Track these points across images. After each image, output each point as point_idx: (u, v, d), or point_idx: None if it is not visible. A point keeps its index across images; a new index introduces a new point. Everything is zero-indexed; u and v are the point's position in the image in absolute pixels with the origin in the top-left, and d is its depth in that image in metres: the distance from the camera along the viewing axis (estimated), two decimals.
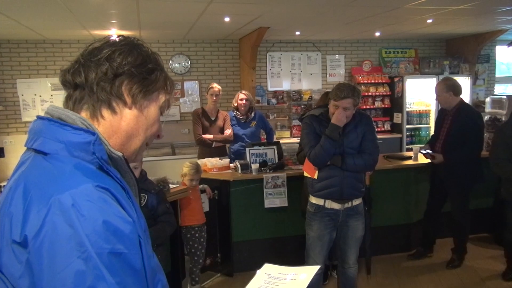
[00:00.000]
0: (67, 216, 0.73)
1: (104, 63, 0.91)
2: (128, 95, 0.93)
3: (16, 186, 0.82)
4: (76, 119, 0.89)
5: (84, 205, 0.75)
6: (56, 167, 0.81)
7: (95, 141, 0.86)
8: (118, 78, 0.92)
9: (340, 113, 2.90)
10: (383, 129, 7.57)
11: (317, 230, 3.09)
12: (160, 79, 0.98)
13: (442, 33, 7.35)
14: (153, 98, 0.98)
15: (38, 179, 0.81)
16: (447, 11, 5.10)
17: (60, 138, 0.85)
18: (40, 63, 6.46)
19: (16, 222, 0.76)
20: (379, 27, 6.42)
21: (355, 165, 2.98)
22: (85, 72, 0.91)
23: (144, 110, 0.97)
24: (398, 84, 7.43)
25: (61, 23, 5.16)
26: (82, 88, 0.92)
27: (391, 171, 4.43)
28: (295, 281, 1.12)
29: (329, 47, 7.68)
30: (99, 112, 0.92)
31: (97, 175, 0.83)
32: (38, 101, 6.47)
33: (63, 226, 0.73)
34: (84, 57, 0.93)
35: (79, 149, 0.84)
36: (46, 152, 0.84)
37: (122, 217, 0.78)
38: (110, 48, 0.93)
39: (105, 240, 0.74)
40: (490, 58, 8.23)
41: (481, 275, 4.02)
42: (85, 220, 0.73)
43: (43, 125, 0.88)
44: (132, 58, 0.93)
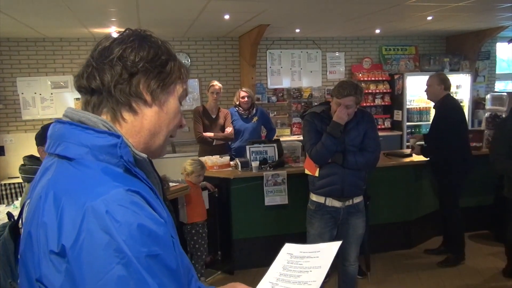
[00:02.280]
0: (102, 223, 0.73)
1: (118, 63, 0.89)
2: (147, 93, 0.91)
3: (46, 194, 0.80)
4: (98, 121, 0.87)
5: (117, 210, 0.74)
6: (84, 173, 0.80)
7: (121, 144, 0.84)
8: (135, 77, 0.89)
9: (341, 111, 2.89)
10: (383, 127, 7.56)
11: (318, 227, 3.09)
12: (175, 69, 0.96)
13: (443, 30, 7.34)
14: (171, 91, 0.96)
15: (67, 186, 0.80)
16: (448, 8, 5.09)
17: (84, 142, 0.83)
18: (40, 61, 6.45)
19: (51, 232, 0.75)
20: (379, 24, 6.41)
21: (356, 163, 2.97)
22: (99, 76, 0.89)
23: (164, 105, 0.95)
24: (398, 82, 7.42)
25: (60, 21, 5.15)
26: (99, 93, 0.90)
27: (391, 168, 4.43)
28: (319, 259, 1.11)
29: (329, 45, 7.66)
30: (120, 114, 0.91)
31: (126, 178, 0.82)
32: (38, 100, 6.47)
33: (99, 233, 0.72)
34: (95, 60, 0.91)
35: (104, 153, 0.83)
36: (71, 158, 0.83)
37: (155, 219, 0.78)
38: (120, 46, 0.90)
39: (142, 244, 0.74)
40: (491, 55, 8.21)
41: (481, 272, 4.03)
42: (120, 226, 0.73)
43: (64, 129, 0.86)
44: (144, 53, 0.91)
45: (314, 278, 1.04)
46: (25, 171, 2.28)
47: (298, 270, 1.10)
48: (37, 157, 2.35)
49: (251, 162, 4.17)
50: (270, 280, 1.11)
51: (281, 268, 1.13)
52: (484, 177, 4.50)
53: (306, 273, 1.08)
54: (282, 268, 1.13)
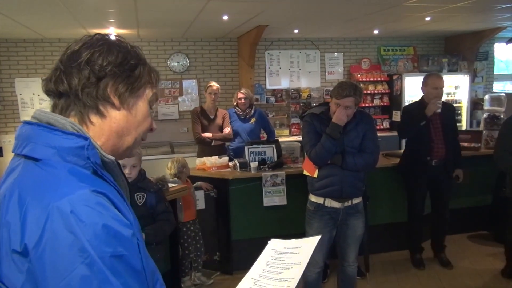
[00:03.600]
0: (67, 223, 0.73)
1: (85, 67, 0.89)
2: (114, 97, 0.91)
3: (11, 194, 0.81)
4: (66, 123, 0.87)
5: (82, 210, 0.74)
6: (50, 173, 0.81)
7: (88, 146, 0.85)
8: (102, 81, 0.90)
9: (341, 112, 2.89)
10: (381, 127, 7.56)
11: (317, 228, 3.08)
12: (144, 74, 0.96)
13: (441, 31, 7.35)
14: (140, 94, 0.96)
15: (32, 186, 0.80)
16: (446, 9, 5.10)
17: (51, 143, 0.83)
18: (38, 62, 6.45)
19: (14, 232, 0.75)
20: (377, 25, 6.42)
21: (355, 164, 2.97)
22: (67, 80, 0.89)
23: (132, 108, 0.95)
24: (397, 82, 7.43)
25: (59, 22, 5.15)
26: (67, 96, 0.90)
27: (390, 169, 4.43)
28: (299, 254, 1.12)
29: (328, 45, 7.67)
30: (88, 118, 0.91)
31: (92, 179, 0.83)
32: (36, 100, 6.46)
33: (63, 233, 0.72)
34: (63, 64, 0.91)
35: (71, 154, 0.83)
36: (38, 158, 0.83)
37: (120, 220, 0.79)
38: (88, 50, 0.90)
39: (106, 244, 0.74)
40: (489, 56, 8.23)
41: (480, 273, 4.03)
42: (85, 226, 0.73)
43: (32, 131, 0.86)
44: (112, 57, 0.91)
45: (293, 275, 1.05)
46: None
47: (280, 266, 1.11)
48: None
49: (250, 163, 4.17)
50: (253, 277, 1.11)
51: (265, 265, 1.14)
52: (483, 177, 4.50)
53: (287, 270, 1.08)
54: (265, 265, 1.14)
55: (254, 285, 1.08)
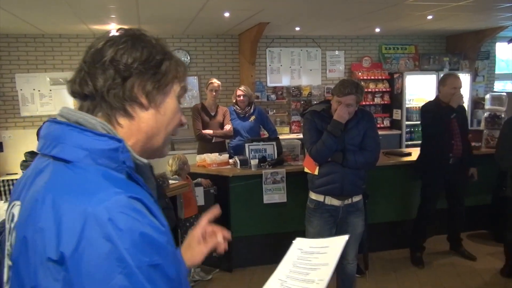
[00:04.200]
0: (105, 231, 0.70)
1: (110, 66, 0.85)
2: (142, 96, 0.87)
3: (43, 198, 0.76)
4: (96, 123, 0.83)
5: (120, 218, 0.72)
6: (83, 177, 0.77)
7: (122, 149, 0.81)
8: (128, 81, 0.85)
9: (342, 109, 2.89)
10: (382, 126, 7.56)
11: (317, 226, 3.09)
12: (171, 69, 0.91)
13: (442, 30, 7.34)
14: (168, 91, 0.92)
15: (66, 190, 0.76)
16: (448, 8, 5.09)
17: (82, 144, 0.79)
18: (39, 57, 6.44)
19: (49, 239, 0.72)
20: (379, 23, 6.41)
21: (356, 162, 2.97)
22: (92, 81, 0.85)
23: (161, 106, 0.91)
24: (398, 81, 7.42)
25: (60, 18, 5.14)
26: (92, 98, 0.86)
27: (390, 167, 4.43)
28: (326, 255, 1.08)
29: (329, 43, 7.66)
30: (115, 119, 0.87)
31: (127, 184, 0.79)
32: (37, 96, 6.45)
33: (101, 242, 0.70)
34: (87, 64, 0.87)
35: (104, 157, 0.79)
36: (68, 160, 0.79)
37: (156, 227, 0.76)
38: (112, 48, 0.86)
39: (143, 253, 0.72)
40: (490, 55, 8.22)
41: (480, 272, 4.03)
42: (123, 234, 0.71)
43: (60, 130, 0.82)
44: (137, 54, 0.86)
45: (321, 277, 1.02)
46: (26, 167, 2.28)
47: (307, 267, 1.08)
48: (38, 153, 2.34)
49: (250, 160, 4.17)
50: (279, 277, 1.08)
51: (291, 265, 1.11)
52: (483, 176, 4.49)
53: (314, 271, 1.05)
54: (292, 265, 1.11)
55: (281, 286, 1.05)
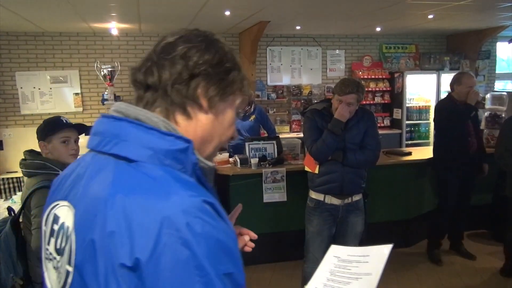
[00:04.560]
0: (183, 237, 0.66)
1: (180, 61, 0.82)
2: (204, 99, 0.84)
3: (111, 199, 0.71)
4: (158, 121, 0.79)
5: (197, 223, 0.67)
6: (152, 178, 0.72)
7: (192, 150, 0.77)
8: (194, 80, 0.83)
9: (343, 108, 2.89)
10: (382, 125, 7.56)
11: (317, 225, 3.09)
12: (237, 80, 0.89)
13: (443, 29, 7.33)
14: (229, 101, 0.89)
15: (136, 191, 0.71)
16: (448, 7, 5.08)
17: (147, 143, 0.75)
18: (39, 55, 6.43)
19: (122, 244, 0.67)
20: (379, 22, 6.40)
21: (356, 161, 2.97)
22: (158, 72, 0.83)
23: (219, 114, 0.88)
24: (398, 80, 7.42)
25: (60, 16, 5.14)
26: (154, 90, 0.84)
27: (390, 166, 4.43)
28: (368, 264, 1.04)
29: (330, 42, 7.65)
30: (173, 117, 0.84)
31: (198, 188, 0.75)
32: (37, 94, 6.45)
33: (179, 248, 0.66)
34: (157, 54, 0.85)
35: (170, 157, 0.75)
36: (132, 159, 0.75)
37: (230, 234, 0.73)
38: (185, 44, 0.84)
39: (220, 261, 0.68)
40: (491, 55, 8.21)
41: (479, 271, 4.03)
42: (200, 240, 0.67)
43: (121, 127, 0.78)
44: (209, 56, 0.84)
45: (366, 287, 0.98)
46: (26, 166, 2.27)
47: (346, 275, 1.04)
48: (37, 151, 2.33)
49: (250, 159, 4.16)
50: (316, 286, 1.05)
51: (328, 273, 1.07)
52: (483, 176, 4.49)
53: (356, 280, 1.01)
54: (329, 273, 1.07)
55: None
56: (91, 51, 6.57)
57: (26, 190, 2.22)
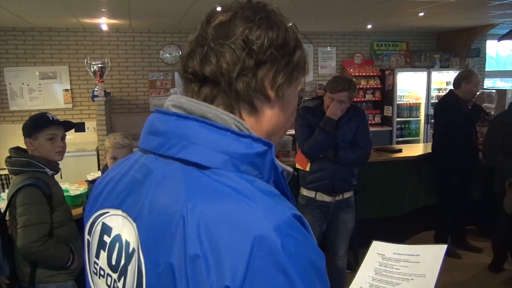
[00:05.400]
0: (277, 260, 0.57)
1: (242, 46, 0.69)
2: (272, 89, 0.72)
3: (191, 214, 0.60)
4: (229, 120, 0.68)
5: (291, 243, 0.58)
6: (233, 189, 0.62)
7: (272, 154, 0.67)
8: (262, 68, 0.70)
9: (335, 106, 2.89)
10: (373, 122, 7.60)
11: (308, 222, 3.09)
12: (302, 59, 0.77)
13: (434, 27, 7.37)
14: (295, 84, 0.77)
15: (216, 206, 0.60)
16: (439, 5, 5.10)
17: (222, 147, 0.64)
18: (28, 51, 6.35)
19: (206, 268, 0.57)
20: (371, 20, 6.42)
21: (348, 159, 2.98)
22: (218, 60, 0.69)
23: (286, 103, 0.76)
24: (389, 77, 7.45)
25: (49, 11, 5.07)
26: (214, 83, 0.70)
27: (381, 163, 4.45)
28: (419, 264, 0.96)
29: (321, 39, 7.66)
30: (239, 113, 0.72)
31: (282, 198, 0.66)
32: (26, 90, 6.37)
33: (273, 273, 0.56)
34: (212, 38, 0.71)
35: (247, 163, 0.65)
36: (206, 166, 0.64)
37: (318, 251, 0.64)
38: (245, 24, 0.71)
39: (311, 283, 0.60)
40: (481, 52, 8.28)
41: (468, 267, 4.08)
42: (295, 262, 0.58)
43: (191, 127, 0.67)
44: (273, 36, 0.71)
45: None
46: (11, 163, 2.23)
47: (395, 276, 0.96)
48: (23, 149, 2.30)
49: None
50: (362, 286, 0.99)
51: (373, 272, 1.01)
52: None
53: (407, 282, 0.93)
54: (374, 272, 1.00)
55: None
56: (81, 47, 6.50)
57: (12, 188, 2.19)
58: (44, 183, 2.17)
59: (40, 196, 2.12)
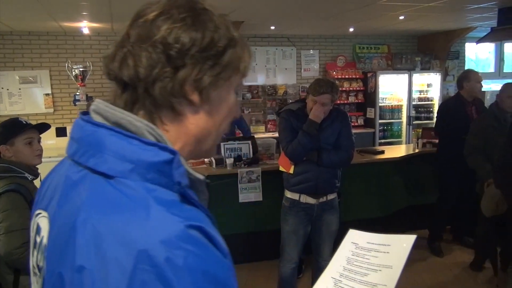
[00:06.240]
0: (161, 274, 0.56)
1: (160, 49, 0.67)
2: (194, 93, 0.69)
3: (81, 226, 0.61)
4: (142, 127, 0.66)
5: (178, 255, 0.57)
6: (130, 199, 0.61)
7: (177, 163, 0.65)
8: (181, 71, 0.68)
9: (318, 109, 2.91)
10: (356, 124, 7.67)
11: (292, 224, 3.10)
12: (235, 59, 0.73)
13: (414, 30, 7.49)
14: (226, 86, 0.74)
15: (109, 217, 0.60)
16: (419, 8, 5.19)
17: (127, 156, 0.63)
18: (7, 55, 6.25)
19: (91, 281, 0.57)
20: (352, 23, 6.49)
21: (331, 161, 3.00)
22: (135, 64, 0.67)
23: (215, 105, 0.74)
24: (371, 80, 7.54)
25: (29, 14, 5.00)
26: (133, 88, 0.69)
27: (364, 165, 4.49)
28: (389, 255, 0.95)
29: (304, 42, 7.71)
30: (159, 119, 0.71)
31: (182, 208, 0.63)
32: (5, 95, 6.27)
33: (157, 286, 0.56)
34: (132, 39, 0.69)
35: (153, 171, 0.63)
36: (111, 175, 0.64)
37: (219, 261, 0.63)
38: (166, 24, 0.67)
39: None
40: (460, 55, 8.43)
41: (450, 267, 4.14)
42: (182, 276, 0.57)
43: (101, 136, 0.66)
44: (197, 36, 0.68)
45: (385, 282, 0.89)
46: None
47: (364, 266, 0.95)
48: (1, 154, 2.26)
49: (226, 159, 4.15)
50: (332, 275, 0.96)
51: (345, 261, 0.99)
52: None
53: (375, 272, 0.92)
54: (346, 261, 0.99)
55: (335, 286, 0.94)
56: (62, 51, 6.42)
57: None
58: (25, 188, 2.14)
59: (22, 201, 2.08)
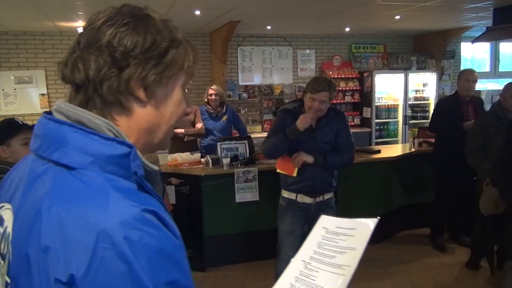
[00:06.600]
0: (120, 251, 0.63)
1: (105, 52, 0.74)
2: (140, 90, 0.77)
3: (46, 211, 0.68)
4: (101, 124, 0.74)
5: (136, 235, 0.65)
6: (90, 188, 0.69)
7: (133, 156, 0.73)
8: (125, 71, 0.75)
9: (306, 117, 2.90)
10: (353, 124, 7.68)
11: (289, 224, 3.11)
12: (178, 58, 0.81)
13: (410, 29, 7.51)
14: (171, 83, 0.82)
15: (72, 203, 0.67)
16: (415, 8, 5.21)
17: (87, 149, 0.71)
18: (2, 55, 6.23)
19: (56, 259, 0.64)
20: (349, 23, 6.50)
21: (336, 164, 3.05)
22: (84, 67, 0.75)
23: (161, 101, 0.81)
24: (368, 79, 7.55)
25: (25, 14, 4.98)
26: (85, 89, 0.77)
27: (360, 164, 4.49)
28: (354, 238, 0.99)
29: (300, 42, 7.71)
30: (110, 116, 0.78)
31: (139, 195, 0.71)
32: (1, 95, 6.25)
33: (115, 262, 0.63)
34: (81, 45, 0.77)
35: (112, 163, 0.71)
36: (72, 167, 0.71)
37: (173, 241, 0.70)
38: (110, 29, 0.75)
39: (161, 270, 0.66)
40: (456, 54, 8.46)
41: (447, 265, 4.15)
42: (139, 253, 0.64)
43: (61, 131, 0.73)
44: (139, 39, 0.76)
45: (348, 262, 0.93)
46: None
47: (333, 249, 0.98)
48: None
49: (222, 159, 4.15)
50: (303, 258, 1.00)
51: (316, 245, 1.02)
52: None
53: (341, 255, 0.96)
54: (316, 245, 1.02)
55: (305, 268, 0.96)
56: (58, 51, 6.40)
57: None
58: None
59: None
